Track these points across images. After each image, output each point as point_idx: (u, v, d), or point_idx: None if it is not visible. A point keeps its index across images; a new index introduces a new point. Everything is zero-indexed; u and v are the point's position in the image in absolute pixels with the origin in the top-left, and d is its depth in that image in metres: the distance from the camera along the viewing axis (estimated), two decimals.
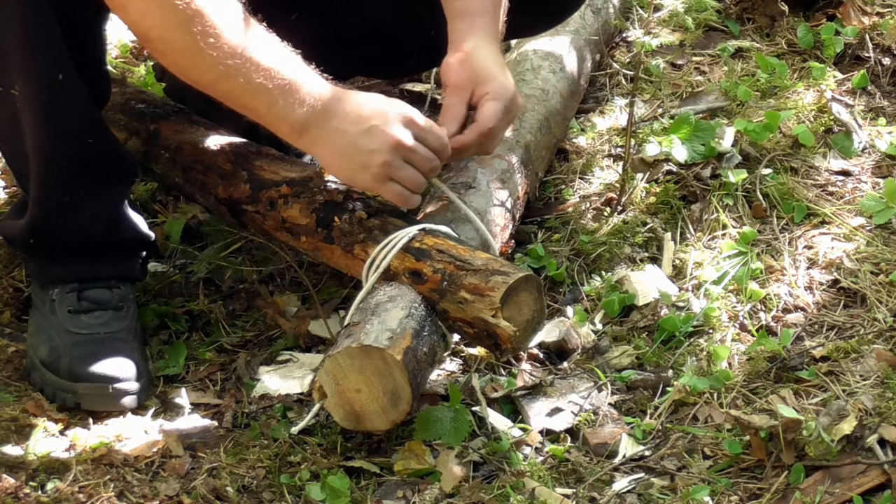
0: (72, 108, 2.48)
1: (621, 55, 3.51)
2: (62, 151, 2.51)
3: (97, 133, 2.56)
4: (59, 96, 2.45)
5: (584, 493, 2.35)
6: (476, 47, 2.50)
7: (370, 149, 2.38)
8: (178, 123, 2.91)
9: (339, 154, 2.41)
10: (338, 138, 2.38)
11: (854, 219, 2.93)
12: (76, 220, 2.58)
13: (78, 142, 2.52)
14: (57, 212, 2.56)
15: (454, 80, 2.50)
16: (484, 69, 2.49)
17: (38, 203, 2.56)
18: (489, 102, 2.48)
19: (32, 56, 2.41)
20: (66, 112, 2.47)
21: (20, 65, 2.41)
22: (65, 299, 2.59)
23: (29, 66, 2.42)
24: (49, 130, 2.48)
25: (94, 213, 2.59)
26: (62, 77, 2.43)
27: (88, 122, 2.53)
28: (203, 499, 2.32)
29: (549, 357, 2.66)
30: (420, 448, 2.41)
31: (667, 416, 2.51)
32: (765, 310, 2.72)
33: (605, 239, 2.90)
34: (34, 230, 2.59)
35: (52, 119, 2.46)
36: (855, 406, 2.41)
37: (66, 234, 2.58)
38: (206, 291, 2.86)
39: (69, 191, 2.55)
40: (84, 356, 2.53)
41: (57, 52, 2.41)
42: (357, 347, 2.31)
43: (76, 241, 2.60)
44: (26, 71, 2.42)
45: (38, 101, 2.44)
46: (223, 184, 2.77)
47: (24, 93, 2.43)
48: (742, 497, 2.31)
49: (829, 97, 3.22)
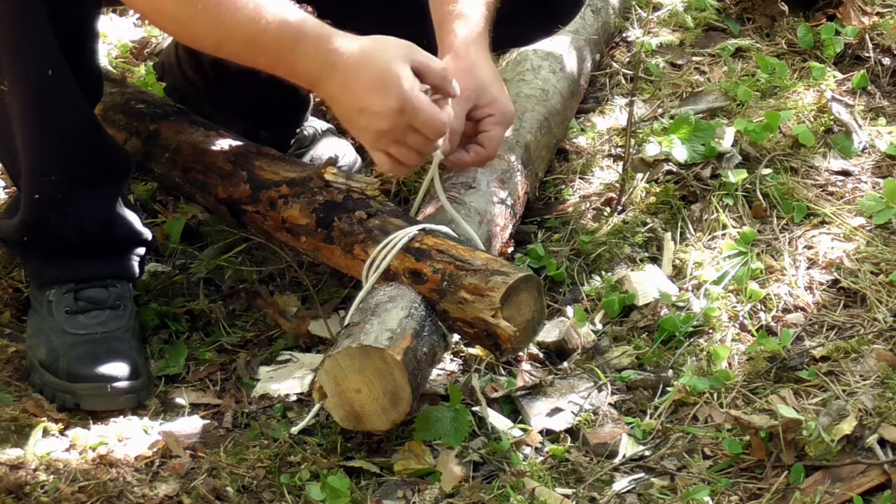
0: (62, 104, 2.46)
1: (621, 55, 3.51)
2: (52, 148, 2.49)
3: (89, 130, 2.55)
4: (50, 92, 2.43)
5: (584, 493, 2.35)
6: (477, 56, 2.47)
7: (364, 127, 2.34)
8: (178, 124, 2.91)
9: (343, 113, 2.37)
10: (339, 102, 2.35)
11: (854, 219, 2.93)
12: (69, 217, 2.56)
13: (68, 138, 2.50)
14: (49, 209, 2.55)
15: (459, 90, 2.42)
16: (489, 85, 2.47)
17: (29, 201, 2.55)
18: (495, 128, 2.48)
19: (22, 51, 2.39)
20: (56, 108, 2.46)
21: (10, 59, 2.39)
22: (61, 300, 2.59)
23: (18, 61, 2.40)
24: (39, 127, 2.46)
25: (88, 211, 2.57)
26: (52, 73, 2.41)
27: (79, 119, 2.51)
28: (203, 499, 2.32)
29: (549, 357, 2.66)
30: (420, 448, 2.41)
31: (667, 416, 2.51)
32: (765, 310, 2.72)
33: (605, 239, 2.90)
34: (27, 228, 2.58)
35: (42, 115, 2.45)
36: (855, 406, 2.41)
37: (58, 231, 2.57)
38: (207, 291, 2.86)
39: (60, 188, 2.53)
40: (82, 357, 2.53)
41: (48, 48, 2.39)
42: (357, 347, 2.31)
43: (70, 239, 2.58)
44: (16, 66, 2.40)
45: (27, 97, 2.42)
46: (223, 184, 2.77)
47: (14, 89, 2.41)
48: (742, 497, 2.31)
49: (829, 97, 3.22)
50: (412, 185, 3.05)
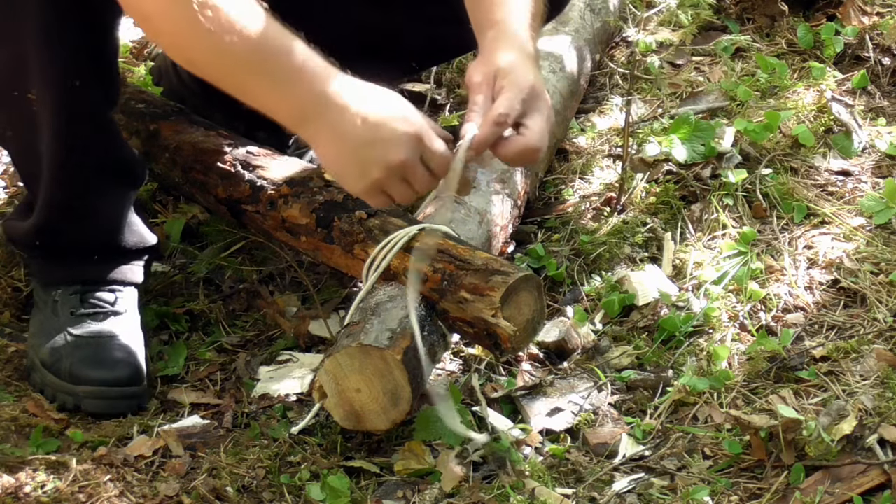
0: (88, 114, 2.47)
1: (621, 55, 3.51)
2: (75, 157, 2.50)
3: (110, 139, 2.56)
4: (76, 103, 2.44)
5: (584, 493, 2.35)
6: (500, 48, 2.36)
7: (370, 160, 2.22)
8: (178, 123, 2.91)
9: (337, 154, 2.25)
10: (338, 139, 2.23)
11: (854, 219, 2.93)
12: (83, 224, 2.58)
13: (91, 148, 2.51)
14: (64, 216, 2.56)
15: (476, 78, 2.34)
16: (506, 65, 2.33)
17: (46, 207, 2.55)
18: (503, 93, 2.30)
19: (52, 62, 2.39)
20: (81, 118, 2.47)
21: (38, 70, 2.40)
22: (67, 301, 2.59)
23: (47, 71, 2.40)
24: (65, 135, 2.47)
25: (102, 218, 2.59)
26: (79, 83, 2.42)
27: (102, 128, 2.53)
28: (203, 499, 2.32)
29: (549, 357, 2.66)
30: (420, 448, 2.41)
31: (667, 416, 2.51)
32: (765, 310, 2.72)
33: (605, 239, 2.90)
34: (40, 233, 2.59)
35: (68, 125, 2.45)
36: (855, 406, 2.41)
37: (71, 237, 2.58)
38: (206, 291, 2.86)
39: (79, 196, 2.54)
40: (85, 359, 2.53)
41: (75, 58, 2.40)
42: (357, 347, 2.31)
43: (81, 244, 2.59)
44: (44, 76, 2.40)
45: (55, 107, 2.43)
46: (223, 184, 2.77)
47: (42, 98, 2.42)
48: (742, 497, 2.30)
49: (829, 97, 3.22)
50: None
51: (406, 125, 2.23)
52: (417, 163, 2.24)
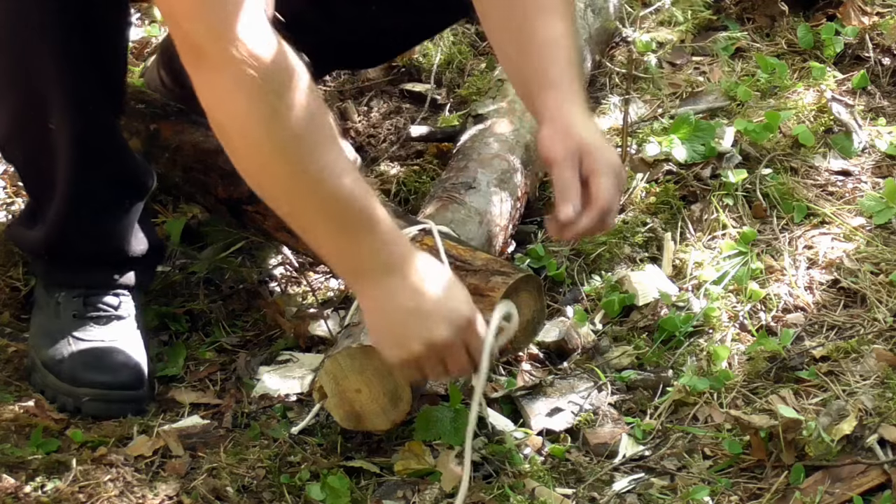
0: (100, 132, 2.49)
1: (621, 55, 3.51)
2: (90, 176, 2.50)
3: (121, 155, 2.57)
4: (91, 124, 2.45)
5: (584, 493, 2.35)
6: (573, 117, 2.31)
7: (415, 332, 2.17)
8: (179, 123, 2.91)
9: (383, 319, 2.20)
10: (389, 304, 2.17)
11: (854, 219, 2.93)
12: (93, 235, 2.58)
13: (106, 167, 2.52)
14: (75, 229, 2.56)
15: (560, 153, 2.28)
16: (589, 140, 2.29)
17: (57, 222, 2.55)
18: (602, 178, 2.27)
19: (70, 96, 2.40)
20: (97, 142, 2.48)
21: (59, 103, 2.41)
22: (70, 303, 2.59)
23: (67, 104, 2.41)
24: (83, 161, 2.48)
25: (112, 229, 2.59)
26: (93, 108, 2.43)
27: (112, 141, 2.54)
28: (203, 499, 2.32)
29: (549, 357, 2.66)
30: (420, 448, 2.41)
31: (667, 416, 2.51)
32: (765, 310, 2.72)
33: (605, 239, 2.90)
34: (48, 244, 2.59)
35: (86, 151, 2.47)
36: (855, 406, 2.41)
37: (80, 247, 2.58)
38: (206, 291, 2.86)
39: (90, 210, 2.54)
40: (87, 362, 2.53)
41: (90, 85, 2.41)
42: (357, 347, 2.31)
43: (89, 254, 2.60)
44: (64, 107, 2.41)
45: (73, 136, 2.44)
46: (223, 184, 2.77)
47: (61, 127, 2.43)
48: (742, 497, 2.31)
49: (829, 97, 3.22)
50: (412, 184, 3.05)
51: (462, 306, 2.21)
52: (461, 346, 2.22)
